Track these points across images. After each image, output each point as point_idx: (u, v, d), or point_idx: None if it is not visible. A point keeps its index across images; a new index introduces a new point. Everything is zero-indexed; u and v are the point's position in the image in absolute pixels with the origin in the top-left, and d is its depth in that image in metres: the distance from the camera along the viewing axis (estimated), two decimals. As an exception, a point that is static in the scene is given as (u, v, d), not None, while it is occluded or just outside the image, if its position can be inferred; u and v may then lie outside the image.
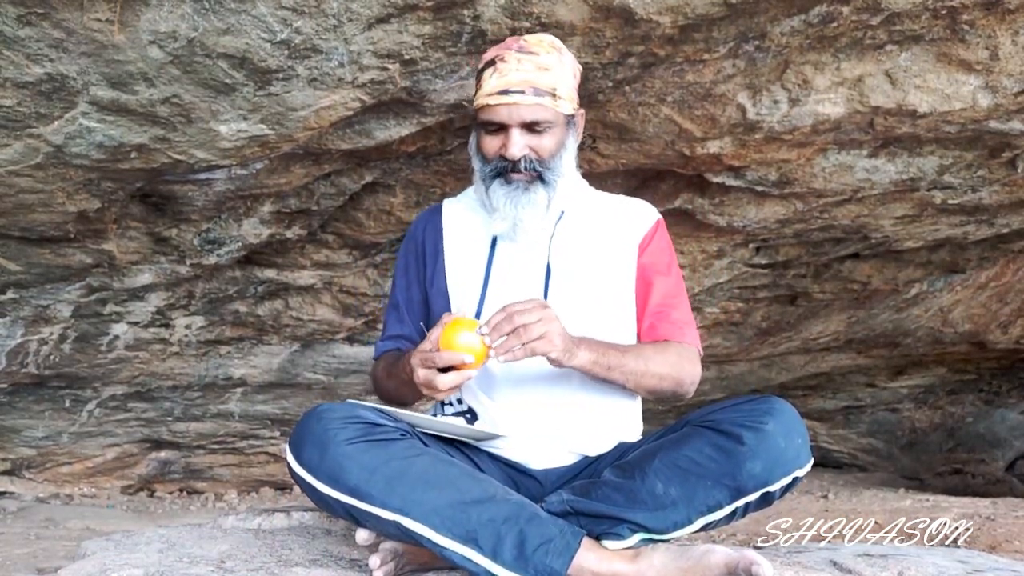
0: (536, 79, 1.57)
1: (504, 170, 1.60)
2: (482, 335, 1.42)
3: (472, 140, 1.67)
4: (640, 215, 1.74)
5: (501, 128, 1.58)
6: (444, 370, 1.44)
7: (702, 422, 1.47)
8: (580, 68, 1.70)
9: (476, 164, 1.66)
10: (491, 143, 1.60)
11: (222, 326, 3.96)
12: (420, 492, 1.38)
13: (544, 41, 1.63)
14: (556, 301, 1.58)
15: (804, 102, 2.74)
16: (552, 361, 1.45)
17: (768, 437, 1.40)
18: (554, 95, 1.58)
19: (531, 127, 1.57)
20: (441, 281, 1.70)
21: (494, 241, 1.67)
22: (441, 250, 1.72)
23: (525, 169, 1.59)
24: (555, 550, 1.36)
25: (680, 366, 1.61)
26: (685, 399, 1.66)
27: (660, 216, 1.76)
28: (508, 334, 1.40)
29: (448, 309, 1.66)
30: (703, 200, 3.48)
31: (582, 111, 1.70)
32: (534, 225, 1.62)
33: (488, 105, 1.58)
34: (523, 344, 1.40)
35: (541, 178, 1.60)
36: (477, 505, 1.38)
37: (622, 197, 1.80)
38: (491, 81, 1.58)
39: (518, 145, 1.57)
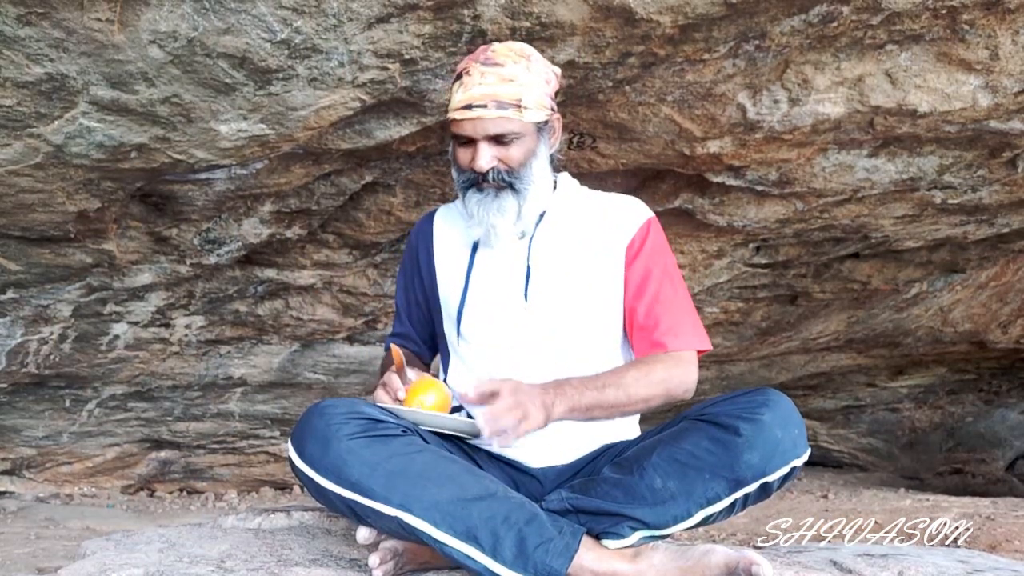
0: (499, 92, 1.57)
1: (475, 180, 1.62)
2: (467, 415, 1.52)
3: (450, 149, 1.70)
4: (628, 216, 1.70)
5: (470, 141, 1.61)
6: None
7: (699, 416, 1.48)
8: (556, 72, 1.70)
9: (453, 174, 1.69)
10: (463, 155, 1.63)
11: (222, 326, 3.96)
12: (421, 488, 1.38)
13: (512, 50, 1.63)
14: (535, 302, 1.62)
15: (804, 102, 2.74)
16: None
17: (765, 428, 1.41)
18: (519, 106, 1.58)
19: (497, 139, 1.59)
20: (433, 284, 1.76)
21: (476, 244, 1.71)
22: (432, 255, 1.77)
23: (494, 180, 1.61)
24: (555, 549, 1.36)
25: (667, 380, 1.60)
26: (684, 401, 1.66)
27: (651, 215, 1.72)
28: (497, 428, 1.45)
29: (441, 311, 1.73)
30: (703, 200, 3.48)
31: (558, 115, 1.70)
32: (506, 231, 1.63)
33: (455, 120, 1.61)
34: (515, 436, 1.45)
35: (511, 187, 1.62)
36: (478, 502, 1.38)
37: (613, 196, 1.77)
38: (457, 95, 1.61)
39: (485, 158, 1.59)
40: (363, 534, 1.46)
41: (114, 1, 1.94)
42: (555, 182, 1.73)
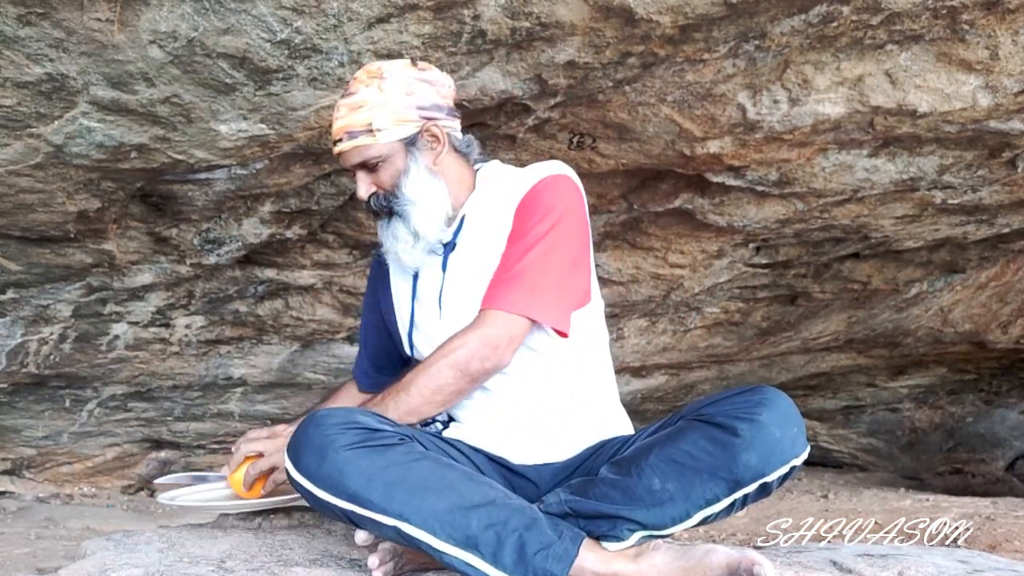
0: (348, 122, 1.61)
1: (370, 210, 1.69)
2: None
3: None
4: (523, 181, 1.62)
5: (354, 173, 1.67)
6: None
7: (696, 415, 1.47)
8: (426, 83, 1.63)
9: None
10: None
11: (222, 326, 3.95)
12: (420, 497, 1.37)
13: (367, 73, 1.63)
14: (450, 315, 1.64)
15: (804, 102, 2.74)
16: None
17: (763, 428, 1.40)
18: (370, 130, 1.59)
19: (366, 167, 1.63)
20: (392, 317, 1.81)
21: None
22: (388, 281, 1.83)
23: (376, 206, 1.66)
24: (555, 554, 1.36)
25: (452, 356, 1.53)
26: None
27: (549, 173, 1.61)
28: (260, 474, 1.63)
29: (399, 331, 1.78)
30: (703, 200, 3.48)
31: (432, 121, 1.63)
32: (407, 255, 1.66)
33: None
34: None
35: (392, 210, 1.64)
36: (477, 509, 1.38)
37: (531, 166, 1.67)
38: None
39: (362, 188, 1.65)
40: (361, 536, 1.46)
41: (114, 1, 1.94)
42: (475, 180, 1.70)
